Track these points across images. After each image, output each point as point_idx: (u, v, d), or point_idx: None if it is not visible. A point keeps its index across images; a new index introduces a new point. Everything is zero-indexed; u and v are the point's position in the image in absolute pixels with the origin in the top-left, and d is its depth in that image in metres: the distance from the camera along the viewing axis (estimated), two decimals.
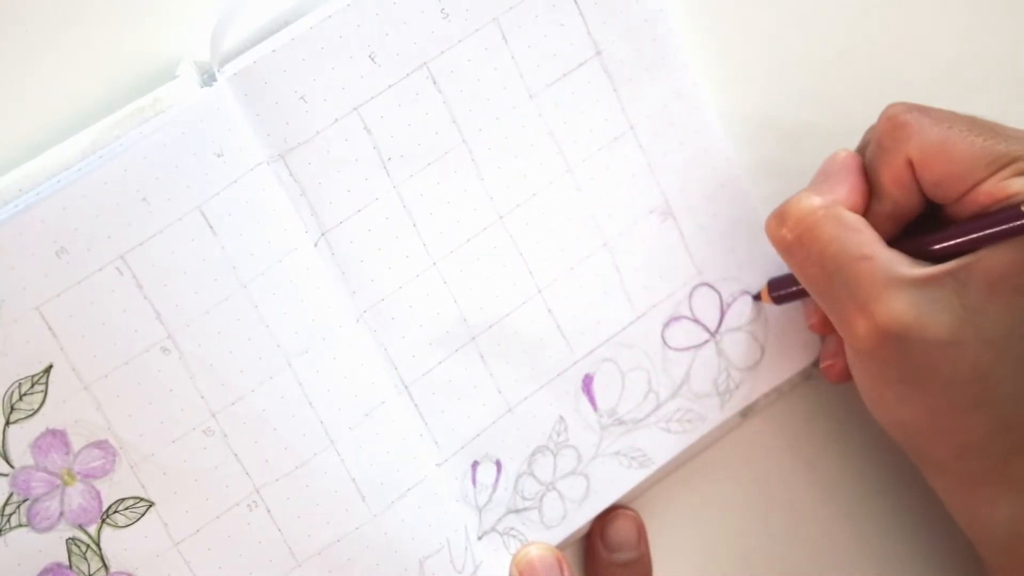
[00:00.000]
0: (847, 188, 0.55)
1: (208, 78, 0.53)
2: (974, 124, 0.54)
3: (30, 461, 0.51)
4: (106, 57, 0.53)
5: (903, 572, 0.64)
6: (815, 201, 0.55)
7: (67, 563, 0.52)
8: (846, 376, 0.59)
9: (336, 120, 0.54)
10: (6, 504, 0.51)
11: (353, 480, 0.54)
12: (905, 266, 0.53)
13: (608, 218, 0.59)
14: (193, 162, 0.52)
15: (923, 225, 0.56)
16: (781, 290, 0.60)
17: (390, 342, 0.56)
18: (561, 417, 0.59)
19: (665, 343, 0.60)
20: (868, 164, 0.56)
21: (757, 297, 0.61)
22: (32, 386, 0.51)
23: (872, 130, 0.57)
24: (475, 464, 0.58)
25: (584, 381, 0.59)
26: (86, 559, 0.52)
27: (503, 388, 0.58)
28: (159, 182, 0.51)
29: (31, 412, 0.51)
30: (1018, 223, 0.51)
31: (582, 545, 0.61)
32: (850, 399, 0.62)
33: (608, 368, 0.60)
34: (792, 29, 0.61)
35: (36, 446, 0.51)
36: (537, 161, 0.58)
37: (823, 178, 0.57)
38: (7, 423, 0.51)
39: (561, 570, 0.58)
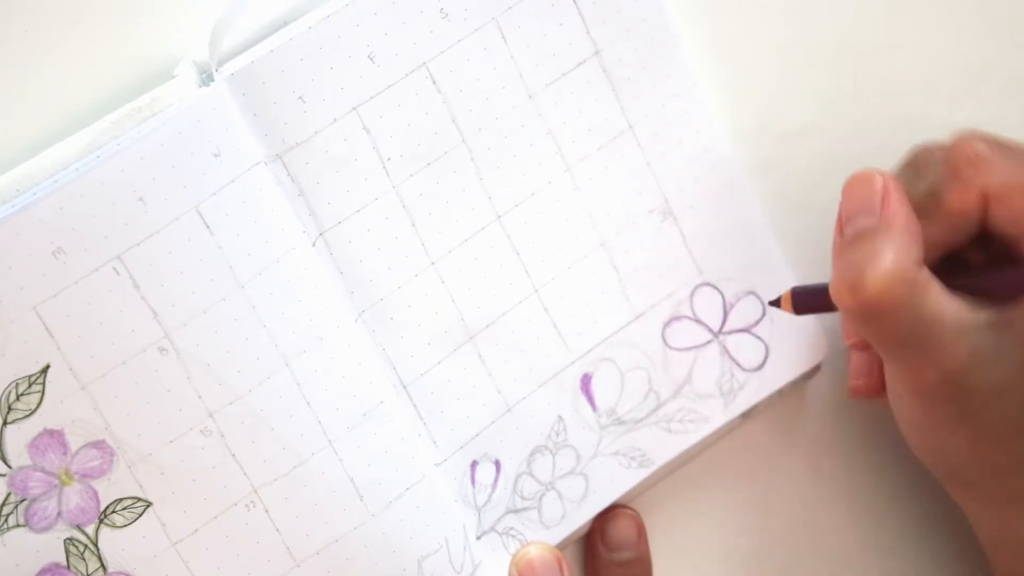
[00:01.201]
0: (909, 239, 0.53)
1: (206, 78, 0.53)
2: None
3: (27, 461, 0.51)
4: (104, 57, 0.53)
5: (904, 572, 0.63)
6: (895, 269, 0.53)
7: (65, 563, 0.52)
8: (874, 393, 0.59)
9: (335, 120, 0.54)
10: (3, 504, 0.51)
11: (351, 480, 0.54)
12: (967, 312, 0.53)
13: (606, 218, 0.59)
14: (190, 162, 0.52)
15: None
16: (806, 303, 0.59)
17: (388, 342, 0.56)
18: (560, 417, 0.59)
19: (666, 343, 0.60)
20: (930, 189, 0.55)
21: (775, 303, 0.60)
22: (29, 386, 0.51)
23: (931, 153, 0.56)
24: (474, 464, 0.58)
25: (582, 381, 0.59)
26: (84, 559, 0.52)
27: (502, 388, 0.58)
28: (156, 182, 0.51)
29: (28, 412, 0.51)
30: None
31: (582, 545, 0.61)
32: (851, 399, 0.62)
33: (607, 368, 0.59)
34: (792, 29, 0.61)
35: (33, 446, 0.51)
36: (536, 161, 0.58)
37: (867, 212, 0.54)
38: (4, 423, 0.51)
39: (561, 570, 0.58)
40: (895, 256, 0.53)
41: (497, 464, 0.58)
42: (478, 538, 0.57)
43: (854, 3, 0.62)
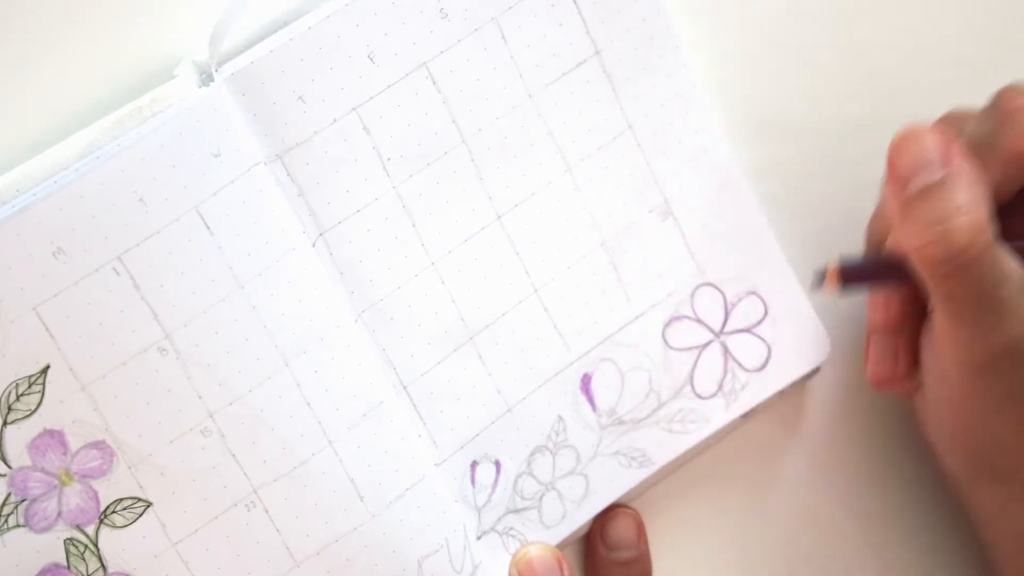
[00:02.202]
0: (981, 190, 0.52)
1: (206, 78, 0.53)
2: None
3: (27, 462, 0.51)
4: (104, 57, 0.53)
5: (905, 572, 0.64)
6: (979, 218, 0.52)
7: (65, 564, 0.52)
8: (900, 381, 0.58)
9: (335, 120, 0.54)
10: (3, 505, 0.51)
11: (351, 480, 0.54)
12: None
13: (607, 218, 0.59)
14: (190, 162, 0.52)
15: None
16: (858, 276, 0.56)
17: (389, 342, 0.56)
18: (560, 417, 0.59)
19: (666, 343, 0.60)
20: (985, 137, 0.54)
21: (819, 282, 0.56)
22: (29, 386, 0.51)
23: (966, 112, 0.56)
24: (474, 464, 0.58)
25: (582, 381, 0.59)
26: (84, 559, 0.52)
27: (502, 388, 0.58)
28: (156, 182, 0.51)
29: (28, 412, 0.51)
30: None
31: (582, 544, 0.61)
32: (852, 398, 0.62)
33: (607, 368, 0.59)
34: (792, 29, 0.61)
35: (33, 446, 0.51)
36: (536, 161, 0.58)
37: (928, 168, 0.53)
38: (4, 424, 0.51)
39: (561, 570, 0.58)
40: (975, 206, 0.52)
41: (497, 464, 0.58)
42: (478, 538, 0.58)
43: (854, 3, 0.62)
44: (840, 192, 0.56)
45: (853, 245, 0.60)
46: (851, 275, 0.56)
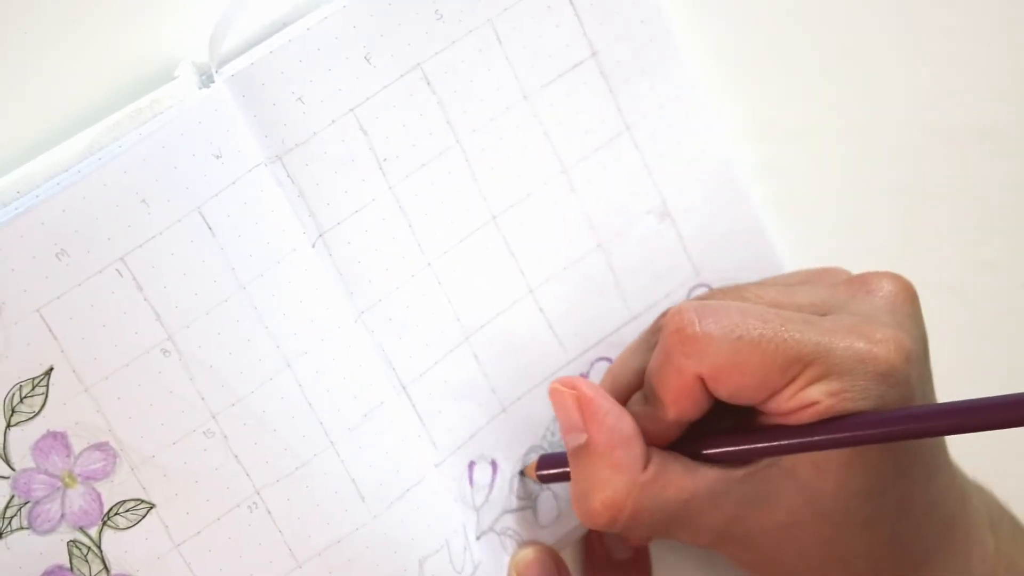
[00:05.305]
0: (620, 454, 0.53)
1: (206, 79, 0.53)
2: (766, 319, 0.51)
3: (31, 463, 0.51)
4: (104, 58, 0.53)
5: None
6: (613, 497, 0.53)
7: (68, 565, 0.52)
8: None
9: (333, 121, 0.54)
10: (7, 507, 0.51)
11: (353, 481, 0.54)
12: (722, 480, 0.53)
13: (603, 219, 0.59)
14: (192, 163, 0.51)
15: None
16: (552, 469, 0.58)
17: (388, 343, 0.56)
18: (555, 417, 0.59)
19: None
20: (654, 370, 0.53)
21: (522, 473, 0.59)
22: (33, 388, 0.50)
23: (662, 319, 0.55)
24: (472, 464, 0.58)
25: None
26: (87, 561, 0.52)
27: (497, 388, 0.58)
28: (158, 184, 0.51)
29: (32, 414, 0.51)
30: (815, 439, 0.51)
31: (581, 546, 0.61)
32: None
33: (603, 368, 0.60)
34: (791, 30, 0.62)
35: (37, 448, 0.51)
36: (531, 162, 0.58)
37: (574, 429, 0.54)
38: (8, 425, 0.50)
39: (559, 571, 0.58)
40: (612, 480, 0.53)
41: (494, 464, 0.58)
42: (477, 538, 0.58)
43: (853, 3, 0.62)
44: (839, 193, 0.56)
45: (851, 245, 0.60)
46: (549, 467, 0.58)
